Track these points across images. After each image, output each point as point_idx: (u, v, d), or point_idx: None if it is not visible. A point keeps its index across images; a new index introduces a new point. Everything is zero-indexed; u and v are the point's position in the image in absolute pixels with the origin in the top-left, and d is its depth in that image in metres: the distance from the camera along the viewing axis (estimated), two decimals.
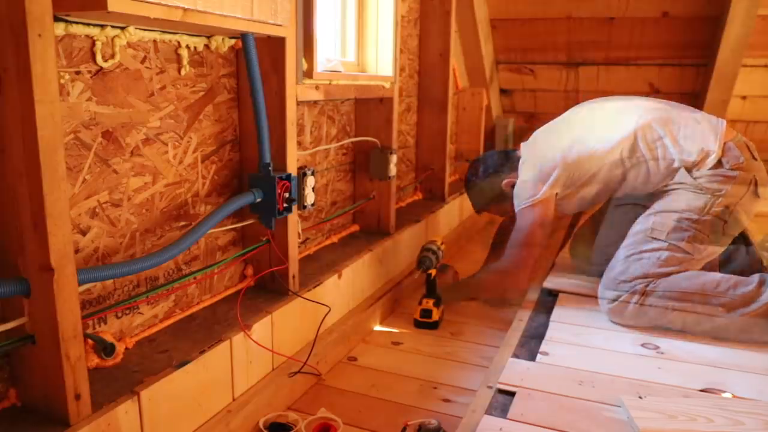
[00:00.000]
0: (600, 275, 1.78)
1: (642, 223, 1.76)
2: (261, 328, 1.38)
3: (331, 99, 1.86)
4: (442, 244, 1.94)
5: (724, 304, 1.57)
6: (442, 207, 2.66)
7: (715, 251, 1.71)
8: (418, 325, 1.90)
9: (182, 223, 1.34)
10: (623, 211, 1.97)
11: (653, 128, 1.77)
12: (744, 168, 1.70)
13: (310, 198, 1.61)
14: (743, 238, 1.87)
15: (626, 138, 1.77)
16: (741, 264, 1.85)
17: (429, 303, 1.90)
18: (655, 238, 1.70)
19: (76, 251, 1.09)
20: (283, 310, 1.47)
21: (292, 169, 1.49)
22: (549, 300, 1.87)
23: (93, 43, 1.07)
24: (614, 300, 1.68)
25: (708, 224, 1.68)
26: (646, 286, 1.64)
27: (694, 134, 1.74)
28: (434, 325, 1.89)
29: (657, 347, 1.52)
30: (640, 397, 1.25)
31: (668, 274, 1.64)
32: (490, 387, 1.33)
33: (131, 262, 1.09)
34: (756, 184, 1.70)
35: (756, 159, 1.75)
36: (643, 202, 1.86)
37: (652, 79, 3.31)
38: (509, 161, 2.03)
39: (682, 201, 1.71)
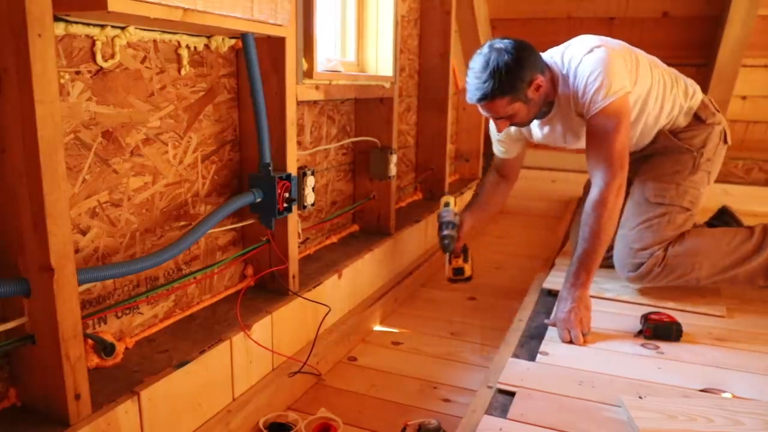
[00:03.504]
0: None
1: (639, 192, 1.85)
2: (261, 328, 1.38)
3: (331, 99, 1.86)
4: (455, 206, 1.93)
5: (734, 259, 1.76)
6: None
7: (703, 200, 1.88)
8: (453, 281, 1.94)
9: (182, 223, 1.34)
10: None
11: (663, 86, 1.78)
12: (717, 121, 1.85)
13: (310, 198, 1.61)
14: None
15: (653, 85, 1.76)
16: None
17: (459, 261, 1.92)
18: (659, 204, 1.81)
19: (76, 251, 1.09)
20: (283, 310, 1.47)
21: (292, 169, 1.49)
22: (549, 300, 1.87)
23: (93, 43, 1.07)
24: (637, 267, 1.79)
25: (698, 179, 1.83)
26: (665, 251, 1.77)
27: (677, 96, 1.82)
28: (468, 279, 1.93)
29: (657, 347, 1.52)
30: (640, 397, 1.25)
31: (680, 235, 1.79)
32: (490, 387, 1.33)
33: (131, 262, 1.09)
34: (726, 134, 1.88)
35: (718, 111, 1.89)
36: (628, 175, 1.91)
37: None
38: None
39: (671, 162, 1.84)
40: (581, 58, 1.64)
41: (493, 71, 1.54)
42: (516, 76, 1.56)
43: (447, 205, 1.93)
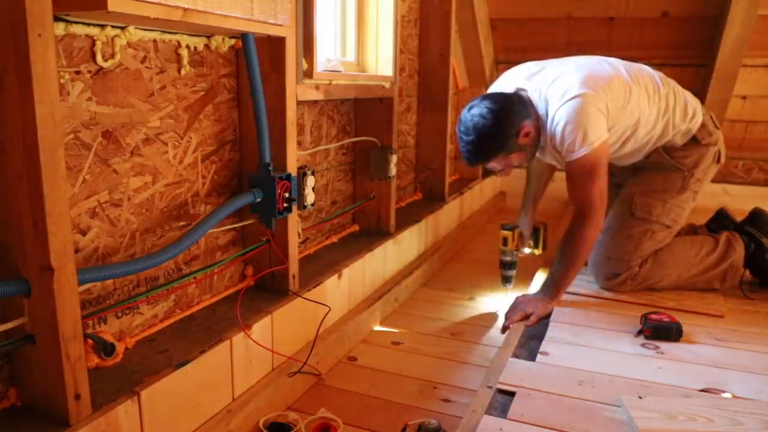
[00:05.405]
0: None
1: (625, 203, 1.90)
2: (261, 328, 1.38)
3: (331, 99, 1.86)
4: (514, 241, 1.98)
5: (698, 270, 1.87)
6: (442, 207, 2.66)
7: (686, 217, 1.95)
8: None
9: (182, 223, 1.34)
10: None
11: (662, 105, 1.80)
12: (713, 142, 1.88)
13: (310, 198, 1.61)
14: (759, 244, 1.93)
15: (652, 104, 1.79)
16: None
17: (530, 244, 2.16)
18: (643, 219, 1.86)
19: (76, 251, 1.09)
20: (283, 310, 1.47)
21: (292, 169, 1.49)
22: None
23: (93, 43, 1.07)
24: (612, 276, 1.87)
25: (684, 198, 1.88)
26: (640, 266, 1.84)
27: (678, 113, 1.83)
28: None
29: (657, 347, 1.52)
30: (640, 397, 1.25)
31: (656, 250, 1.86)
32: (490, 387, 1.33)
33: (131, 262, 1.09)
34: (719, 155, 1.92)
35: (718, 128, 1.92)
36: (616, 180, 1.98)
37: None
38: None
39: (661, 179, 1.89)
40: (558, 107, 1.66)
41: (479, 138, 1.65)
42: (502, 136, 1.65)
43: (505, 241, 1.98)
